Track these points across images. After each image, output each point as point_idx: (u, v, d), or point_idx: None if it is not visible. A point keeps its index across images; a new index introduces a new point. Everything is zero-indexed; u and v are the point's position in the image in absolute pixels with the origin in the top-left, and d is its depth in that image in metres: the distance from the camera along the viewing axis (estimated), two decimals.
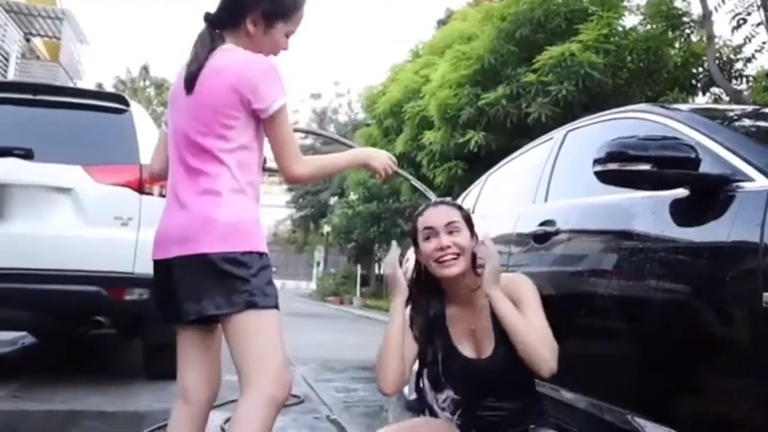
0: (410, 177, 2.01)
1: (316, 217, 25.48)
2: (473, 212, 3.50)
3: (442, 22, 15.41)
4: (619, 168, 1.73)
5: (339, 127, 24.74)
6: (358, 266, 22.79)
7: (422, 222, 1.83)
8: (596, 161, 1.78)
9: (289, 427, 3.27)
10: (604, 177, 1.78)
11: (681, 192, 1.75)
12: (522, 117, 8.22)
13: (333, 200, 23.71)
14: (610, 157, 1.75)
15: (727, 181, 1.63)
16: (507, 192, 3.24)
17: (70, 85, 20.66)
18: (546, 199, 2.62)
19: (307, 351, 6.46)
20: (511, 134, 8.56)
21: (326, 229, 24.31)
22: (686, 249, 1.73)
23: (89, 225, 3.58)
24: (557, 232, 2.32)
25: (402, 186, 12.64)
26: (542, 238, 2.39)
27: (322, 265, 30.02)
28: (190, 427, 1.64)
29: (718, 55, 7.92)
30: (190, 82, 1.61)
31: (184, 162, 1.61)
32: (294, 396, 3.91)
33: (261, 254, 1.58)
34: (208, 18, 1.66)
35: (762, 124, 2.23)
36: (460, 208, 1.87)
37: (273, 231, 35.72)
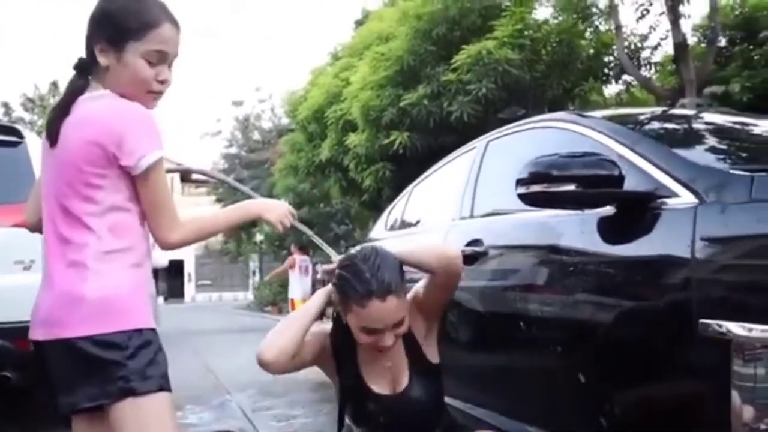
0: (308, 230, 1.83)
1: (247, 225, 24.96)
2: (399, 226, 3.41)
3: (359, 23, 15.28)
4: (543, 189, 1.65)
5: (263, 133, 24.28)
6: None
7: (363, 317, 1.56)
8: (519, 182, 1.70)
9: None
10: (528, 199, 1.70)
11: (608, 209, 1.69)
12: (444, 116, 8.20)
13: None
14: (533, 178, 1.67)
15: (652, 198, 1.58)
16: (433, 204, 3.14)
17: None
18: (472, 214, 2.54)
19: (246, 374, 6.15)
20: (434, 133, 8.53)
21: (259, 237, 23.82)
22: (617, 267, 1.66)
23: None
24: (485, 252, 2.24)
25: (332, 190, 12.45)
26: (470, 259, 2.29)
27: (257, 274, 29.47)
28: None
29: (626, 44, 8.12)
30: (50, 132, 1.42)
31: (54, 228, 1.42)
32: None
33: (140, 331, 1.38)
34: (75, 65, 1.46)
35: (678, 127, 2.22)
36: (401, 282, 1.61)
37: (204, 243, 34.89)
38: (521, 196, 1.70)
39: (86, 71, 1.46)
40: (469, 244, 2.33)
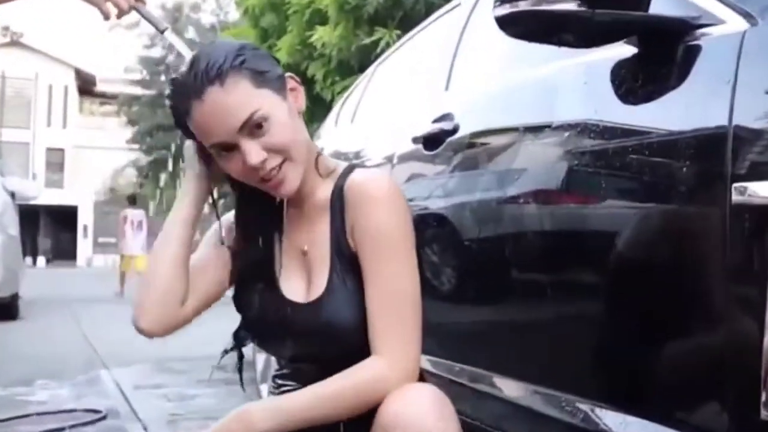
0: (155, 18, 1.75)
1: (170, 162, 24.79)
2: (352, 118, 3.34)
3: None
4: (530, 8, 1.55)
5: (202, 31, 23.97)
6: None
7: (200, 130, 1.44)
8: (498, 1, 1.60)
9: None
10: (509, 23, 1.61)
11: (626, 50, 1.60)
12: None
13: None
14: None
15: (689, 27, 1.49)
16: (398, 85, 3.08)
17: None
18: (447, 88, 2.47)
19: (138, 347, 6.12)
20: None
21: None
22: (637, 134, 1.58)
23: None
24: (455, 130, 2.17)
25: None
26: (434, 141, 2.24)
27: None
28: None
29: None
30: None
31: None
32: (92, 411, 3.69)
33: None
34: None
35: None
36: (241, 62, 1.42)
37: (109, 186, 34.44)
38: (500, 21, 1.61)
39: None
40: (435, 121, 2.28)
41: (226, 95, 1.39)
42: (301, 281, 1.55)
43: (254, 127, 1.40)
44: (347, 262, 1.48)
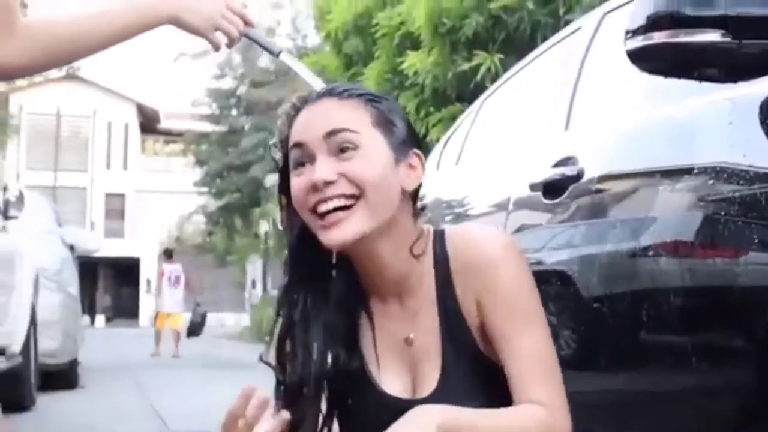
0: (265, 39, 1.83)
1: (245, 207, 25.31)
2: (457, 160, 3.40)
3: None
4: (667, 40, 1.60)
5: (277, 58, 24.63)
6: None
7: (294, 130, 1.53)
8: (629, 33, 1.66)
9: None
10: (643, 58, 1.67)
11: None
12: (560, 29, 8.11)
13: (272, 179, 23.57)
14: (654, 23, 1.63)
15: None
16: (509, 121, 3.14)
17: None
18: (567, 127, 2.51)
19: (216, 418, 6.18)
20: None
21: (264, 227, 24.12)
22: None
23: None
24: (579, 176, 2.20)
25: None
26: (555, 187, 2.27)
27: (258, 285, 29.79)
28: None
29: None
30: None
31: None
32: None
33: None
34: None
35: None
36: (372, 100, 1.52)
37: (176, 235, 35.14)
38: (632, 55, 1.67)
39: None
40: (556, 165, 2.31)
41: (336, 104, 1.48)
42: (404, 375, 1.57)
43: (341, 143, 1.46)
44: (462, 345, 1.51)
